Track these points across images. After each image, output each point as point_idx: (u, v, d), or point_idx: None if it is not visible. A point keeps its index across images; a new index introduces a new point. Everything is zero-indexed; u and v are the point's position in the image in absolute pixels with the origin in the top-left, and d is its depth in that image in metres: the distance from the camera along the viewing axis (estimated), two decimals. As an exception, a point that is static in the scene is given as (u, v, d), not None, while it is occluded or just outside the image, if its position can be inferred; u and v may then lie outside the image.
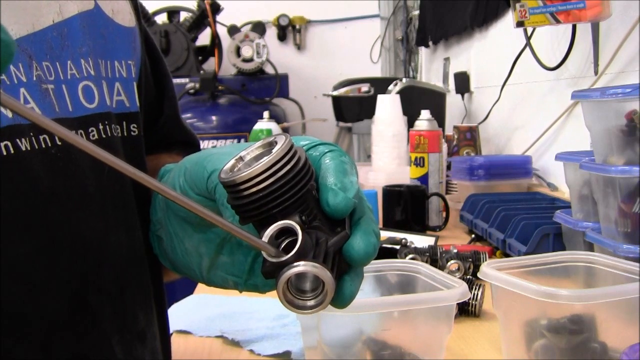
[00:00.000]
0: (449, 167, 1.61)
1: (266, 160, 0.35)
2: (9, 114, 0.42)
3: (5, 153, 0.41)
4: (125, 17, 0.54)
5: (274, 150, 0.36)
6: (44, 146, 0.44)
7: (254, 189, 0.36)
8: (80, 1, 0.49)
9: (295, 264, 0.35)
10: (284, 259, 0.36)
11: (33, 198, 0.43)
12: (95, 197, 0.47)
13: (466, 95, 2.26)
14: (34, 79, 0.44)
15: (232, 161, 0.38)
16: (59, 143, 0.44)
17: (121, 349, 0.48)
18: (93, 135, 0.48)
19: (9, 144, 0.41)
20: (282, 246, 0.37)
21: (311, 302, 0.37)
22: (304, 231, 0.36)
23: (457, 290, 0.62)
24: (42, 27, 0.45)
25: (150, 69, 0.62)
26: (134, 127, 0.53)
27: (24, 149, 0.42)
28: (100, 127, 0.48)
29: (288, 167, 0.36)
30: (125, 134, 0.52)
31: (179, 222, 0.48)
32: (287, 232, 0.37)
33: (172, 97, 0.66)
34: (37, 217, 0.43)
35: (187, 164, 0.45)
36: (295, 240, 0.36)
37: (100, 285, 0.47)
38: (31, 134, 0.43)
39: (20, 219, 0.42)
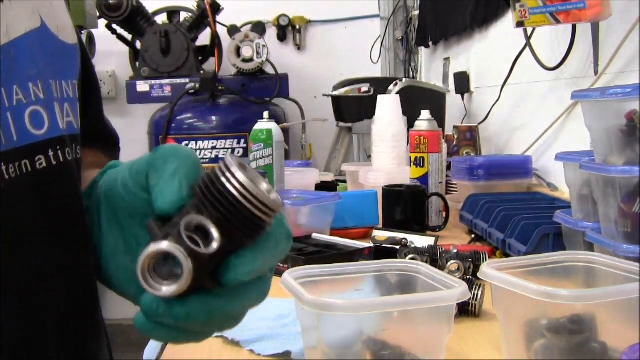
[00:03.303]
0: (449, 167, 1.61)
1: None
2: None
3: None
4: (69, 34, 0.51)
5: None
6: None
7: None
8: (28, 20, 0.45)
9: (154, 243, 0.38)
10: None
11: None
12: (36, 229, 0.45)
13: (466, 95, 2.26)
14: None
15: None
16: (7, 177, 0.42)
17: None
18: (40, 164, 0.44)
19: None
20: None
21: (168, 285, 0.38)
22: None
23: (457, 290, 0.62)
24: None
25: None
26: (78, 149, 0.50)
27: None
28: (51, 153, 0.45)
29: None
30: (76, 157, 0.49)
31: (124, 218, 0.47)
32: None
33: (97, 98, 0.64)
34: None
35: (136, 160, 0.45)
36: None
37: (44, 320, 0.45)
38: None
39: None
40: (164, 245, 0.38)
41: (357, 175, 1.65)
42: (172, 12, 3.01)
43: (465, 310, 0.85)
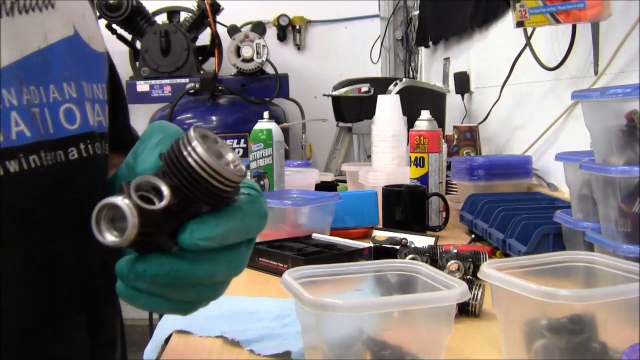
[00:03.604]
0: (449, 167, 1.61)
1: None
2: (0, 137, 0.44)
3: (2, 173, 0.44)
4: (99, 43, 0.57)
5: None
6: (33, 166, 0.47)
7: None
8: (62, 29, 0.51)
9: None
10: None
11: (18, 219, 0.46)
12: (69, 218, 0.49)
13: (466, 95, 2.26)
14: (24, 102, 0.46)
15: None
16: (45, 163, 0.47)
17: (94, 356, 0.52)
18: (72, 155, 0.50)
19: None
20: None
21: (115, 236, 0.41)
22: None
23: (457, 290, 0.62)
24: (28, 52, 0.47)
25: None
26: (107, 146, 0.56)
27: (13, 170, 0.45)
28: (82, 146, 0.51)
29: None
30: (103, 152, 0.55)
31: None
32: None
33: (125, 107, 0.70)
34: (18, 235, 0.46)
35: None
36: None
37: (71, 298, 0.50)
38: (21, 155, 0.46)
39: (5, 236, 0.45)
40: (112, 198, 0.41)
41: (357, 175, 1.65)
42: (172, 12, 3.01)
43: (465, 310, 0.85)
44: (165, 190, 0.41)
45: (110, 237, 0.41)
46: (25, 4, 0.48)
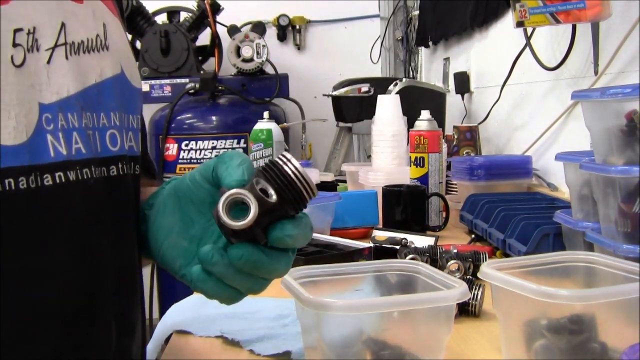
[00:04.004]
0: (449, 167, 1.61)
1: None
2: (64, 151, 0.55)
3: (58, 182, 0.54)
4: (136, 80, 0.67)
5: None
6: (85, 177, 0.57)
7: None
8: (113, 67, 0.62)
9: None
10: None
11: (69, 219, 0.55)
12: (103, 216, 0.59)
13: (466, 95, 2.26)
14: (83, 125, 0.57)
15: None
16: (95, 176, 0.58)
17: (118, 340, 0.60)
18: (112, 172, 0.61)
19: (62, 174, 0.54)
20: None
21: (238, 222, 0.52)
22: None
23: (457, 290, 0.62)
24: (88, 85, 0.59)
25: None
26: (137, 167, 0.67)
27: (72, 178, 0.55)
28: (120, 165, 0.62)
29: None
30: (133, 173, 0.65)
31: (185, 204, 0.62)
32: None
33: (145, 135, 0.80)
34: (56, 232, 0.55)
35: (203, 163, 0.62)
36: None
37: (103, 287, 0.59)
38: (77, 168, 0.56)
39: (46, 234, 0.54)
40: (240, 190, 0.53)
41: (357, 175, 1.65)
42: (172, 12, 3.01)
43: (465, 310, 0.85)
44: (273, 192, 0.52)
45: (234, 223, 0.52)
46: (88, 46, 0.59)
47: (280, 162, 0.53)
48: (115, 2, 0.69)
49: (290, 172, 0.53)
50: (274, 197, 0.52)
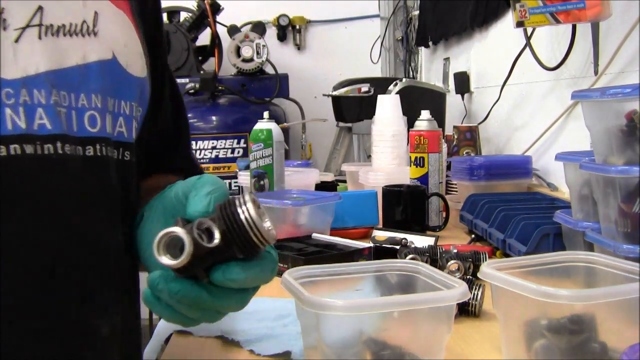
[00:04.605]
0: (449, 167, 1.61)
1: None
2: (23, 125, 0.56)
3: (13, 153, 0.55)
4: (137, 70, 0.68)
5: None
6: (46, 152, 0.58)
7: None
8: (101, 52, 0.63)
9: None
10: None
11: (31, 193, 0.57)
12: (83, 193, 0.61)
13: (466, 95, 2.26)
14: (52, 102, 0.58)
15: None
16: (61, 152, 0.58)
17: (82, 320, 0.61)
18: (89, 152, 0.62)
19: (18, 147, 0.56)
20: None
21: (170, 259, 0.52)
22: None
23: (457, 290, 0.62)
24: (66, 66, 0.60)
25: (172, 111, 0.82)
26: (127, 154, 0.67)
27: (29, 152, 0.57)
28: (98, 147, 0.62)
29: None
30: (120, 158, 0.66)
31: (168, 217, 0.63)
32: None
33: (187, 138, 0.85)
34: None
35: (188, 180, 0.62)
36: None
37: (70, 267, 0.59)
38: (37, 142, 0.57)
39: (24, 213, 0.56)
40: (177, 229, 0.52)
41: (357, 175, 1.64)
42: (172, 12, 3.01)
43: (465, 310, 0.85)
44: (217, 234, 0.52)
45: (166, 259, 0.52)
46: (70, 30, 0.61)
47: (236, 204, 0.53)
48: (136, 3, 0.71)
49: (242, 216, 0.52)
50: (216, 239, 0.52)
